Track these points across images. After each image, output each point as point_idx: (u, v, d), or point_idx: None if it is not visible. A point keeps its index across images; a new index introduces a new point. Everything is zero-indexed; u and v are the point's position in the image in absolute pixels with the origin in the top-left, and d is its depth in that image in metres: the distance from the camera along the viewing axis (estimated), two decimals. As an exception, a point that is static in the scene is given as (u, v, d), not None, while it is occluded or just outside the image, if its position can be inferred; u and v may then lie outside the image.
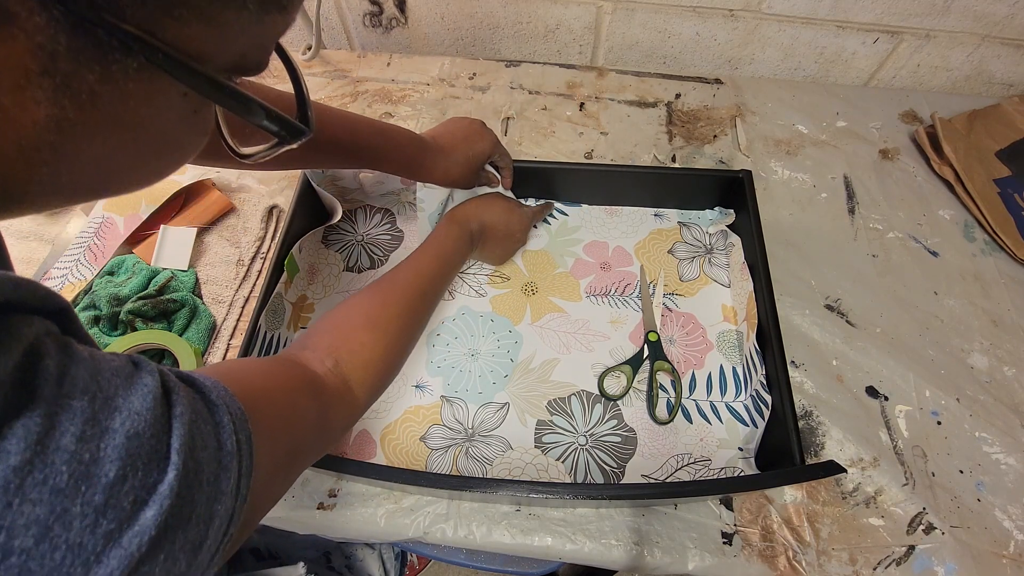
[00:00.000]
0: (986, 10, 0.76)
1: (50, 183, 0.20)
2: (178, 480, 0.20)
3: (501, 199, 0.65)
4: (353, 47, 0.95)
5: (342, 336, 0.44)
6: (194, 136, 0.24)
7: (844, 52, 0.85)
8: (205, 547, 0.22)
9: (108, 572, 0.18)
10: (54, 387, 0.18)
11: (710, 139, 0.80)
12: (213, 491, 0.22)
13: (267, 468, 0.28)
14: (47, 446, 0.17)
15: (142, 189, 0.25)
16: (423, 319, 0.52)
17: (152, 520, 0.19)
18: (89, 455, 0.18)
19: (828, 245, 0.71)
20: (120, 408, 0.20)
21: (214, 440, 0.23)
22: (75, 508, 0.17)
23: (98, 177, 0.21)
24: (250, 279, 0.68)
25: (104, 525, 0.18)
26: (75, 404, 0.18)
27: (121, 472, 0.19)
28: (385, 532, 0.54)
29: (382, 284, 0.50)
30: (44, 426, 0.17)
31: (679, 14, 0.82)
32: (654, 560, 0.52)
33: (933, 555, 0.52)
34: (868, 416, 0.59)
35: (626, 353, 0.62)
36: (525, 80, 0.86)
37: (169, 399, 0.22)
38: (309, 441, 0.35)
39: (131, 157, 0.22)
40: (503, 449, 0.57)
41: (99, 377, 0.20)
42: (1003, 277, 0.69)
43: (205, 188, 0.72)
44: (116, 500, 0.18)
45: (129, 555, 0.18)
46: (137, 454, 0.19)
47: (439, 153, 0.57)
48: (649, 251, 0.70)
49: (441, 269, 0.55)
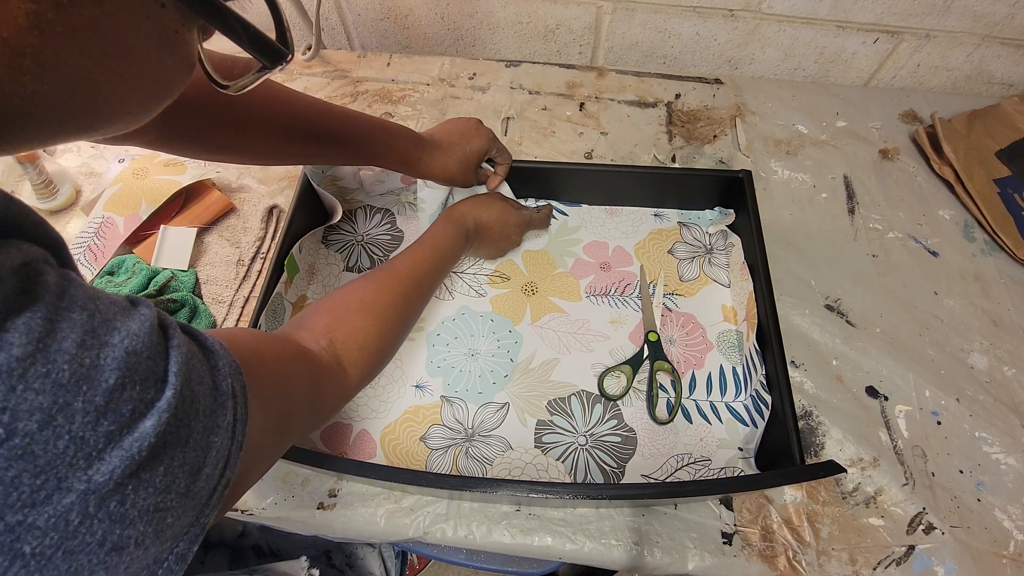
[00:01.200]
0: (986, 10, 0.76)
1: (35, 99, 0.19)
2: (176, 399, 0.21)
3: (499, 199, 0.65)
4: (353, 47, 0.95)
5: (337, 318, 0.45)
6: (177, 62, 0.24)
7: (844, 52, 0.85)
8: (203, 475, 0.22)
9: (110, 470, 0.18)
10: (54, 299, 0.18)
11: (710, 139, 0.80)
12: (209, 423, 0.23)
13: (260, 425, 0.28)
14: (48, 345, 0.18)
15: (128, 126, 0.24)
16: (417, 309, 0.53)
17: (151, 429, 0.19)
18: (89, 361, 0.18)
19: (828, 245, 0.71)
20: (118, 328, 0.20)
21: (209, 379, 0.24)
22: (77, 403, 0.18)
23: (82, 98, 0.21)
24: (250, 279, 0.68)
25: (105, 425, 0.18)
26: (75, 316, 0.19)
27: (120, 381, 0.19)
28: (385, 532, 0.54)
29: (378, 272, 0.52)
30: (45, 328, 0.18)
31: (679, 14, 0.82)
32: (654, 560, 0.52)
33: (933, 555, 0.52)
34: (868, 416, 0.59)
35: (626, 353, 0.62)
36: (525, 80, 0.86)
37: (166, 333, 0.22)
38: (301, 410, 0.36)
39: (113, 77, 0.21)
40: (503, 449, 0.57)
41: (97, 301, 0.20)
42: (1003, 277, 0.69)
43: (205, 188, 0.72)
44: (116, 406, 0.19)
45: (130, 457, 0.19)
46: (135, 369, 0.20)
47: (436, 148, 0.59)
48: (649, 251, 0.70)
49: (436, 263, 0.56)
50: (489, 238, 0.64)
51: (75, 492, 0.17)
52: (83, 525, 0.18)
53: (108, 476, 0.18)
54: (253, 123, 0.48)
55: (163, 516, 0.20)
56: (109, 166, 0.74)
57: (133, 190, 0.70)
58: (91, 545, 0.18)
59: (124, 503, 0.19)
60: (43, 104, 0.20)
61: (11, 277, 0.17)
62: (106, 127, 0.23)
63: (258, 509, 0.55)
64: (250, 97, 0.48)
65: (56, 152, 0.77)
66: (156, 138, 0.44)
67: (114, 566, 0.19)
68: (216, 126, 0.47)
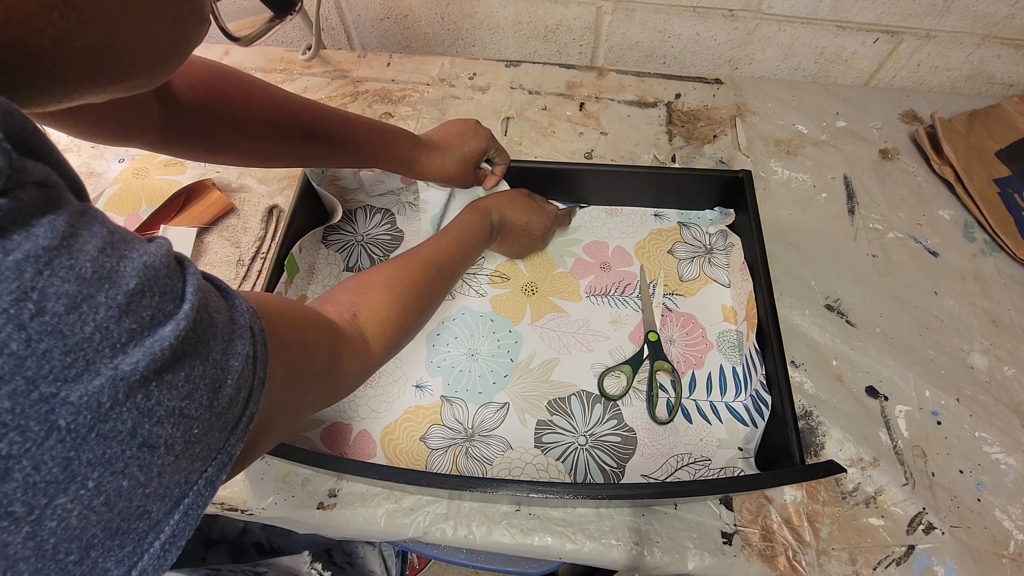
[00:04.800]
0: (986, 10, 0.76)
1: (61, 39, 0.20)
2: (193, 313, 0.21)
3: (525, 196, 0.66)
4: (353, 47, 0.95)
5: (361, 294, 0.46)
6: (190, 11, 0.25)
7: (844, 52, 0.85)
8: (224, 394, 0.22)
9: (134, 363, 0.19)
10: (77, 211, 0.19)
11: (710, 139, 0.80)
12: (228, 347, 0.23)
13: (281, 375, 0.29)
14: (72, 244, 0.18)
15: (146, 82, 0.26)
16: (440, 292, 0.54)
17: (171, 335, 0.20)
18: (110, 265, 0.19)
19: (828, 245, 0.71)
20: (137, 247, 0.20)
21: (227, 312, 0.24)
22: (100, 297, 0.18)
23: (104, 43, 0.22)
24: (250, 279, 0.68)
25: (127, 323, 0.19)
26: (95, 228, 0.19)
27: (140, 287, 0.19)
28: (385, 532, 0.54)
29: (403, 255, 0.53)
30: (68, 230, 0.18)
31: (679, 14, 0.82)
32: (654, 560, 0.52)
33: (933, 555, 0.52)
34: (868, 416, 0.59)
35: (626, 353, 0.62)
36: (525, 80, 0.86)
37: (183, 264, 0.23)
38: (320, 372, 0.36)
39: (132, 22, 0.23)
40: (503, 449, 0.57)
41: (116, 226, 0.21)
42: (1003, 277, 0.69)
43: (205, 188, 0.72)
44: (136, 308, 0.19)
45: (152, 355, 0.19)
46: (154, 280, 0.20)
47: (434, 149, 0.59)
48: (649, 251, 0.70)
49: (460, 250, 0.57)
50: (513, 233, 0.64)
51: (104, 376, 0.18)
52: (114, 410, 0.18)
53: (133, 367, 0.19)
54: (252, 124, 0.49)
55: (189, 424, 0.21)
56: (109, 166, 0.74)
57: (133, 190, 0.70)
58: (123, 434, 0.18)
59: (150, 398, 0.19)
60: (71, 46, 0.21)
61: (36, 188, 0.18)
62: (127, 78, 0.24)
63: (258, 509, 0.55)
64: (249, 98, 0.48)
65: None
66: (158, 139, 0.45)
67: (147, 465, 0.19)
68: (216, 127, 0.47)
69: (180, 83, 0.44)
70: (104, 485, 0.18)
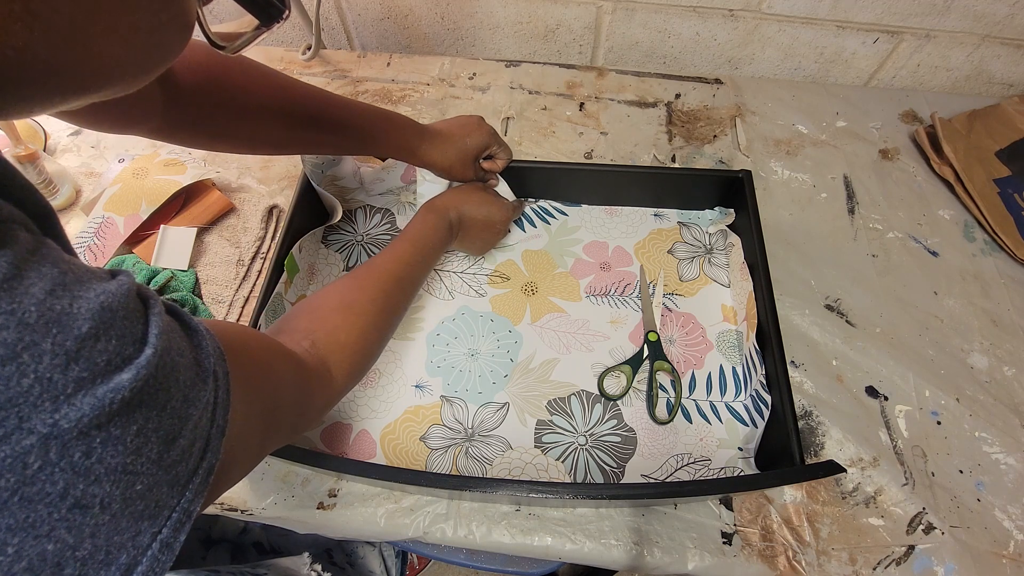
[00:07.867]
0: (986, 10, 0.76)
1: (28, 50, 0.19)
2: (156, 359, 0.20)
3: (479, 190, 0.65)
4: (353, 47, 0.95)
5: (318, 319, 0.44)
6: (172, 19, 0.23)
7: (844, 52, 0.85)
8: (178, 446, 0.21)
9: (79, 415, 0.17)
10: (24, 251, 0.18)
11: (710, 139, 0.80)
12: (189, 394, 0.22)
13: (243, 414, 0.28)
14: (14, 287, 0.17)
15: (124, 88, 0.24)
16: (400, 304, 0.52)
17: (128, 383, 0.19)
18: (60, 307, 0.18)
19: (828, 245, 0.71)
20: (93, 287, 0.19)
21: (191, 355, 0.23)
22: (45, 344, 0.17)
23: (76, 53, 0.20)
24: (250, 279, 0.68)
25: (76, 371, 0.18)
26: (44, 270, 0.18)
27: (94, 331, 0.18)
28: (385, 532, 0.54)
29: (358, 271, 0.51)
30: (11, 272, 0.17)
31: (679, 14, 0.82)
32: (654, 560, 0.52)
33: (933, 555, 0.52)
34: (868, 416, 0.59)
35: (626, 353, 0.62)
36: (525, 80, 0.86)
37: (146, 303, 0.22)
38: (286, 407, 0.35)
39: (106, 31, 0.21)
40: (503, 449, 0.57)
41: (72, 264, 0.19)
42: (1003, 277, 0.69)
43: (205, 188, 0.72)
44: (89, 354, 0.18)
45: (102, 405, 0.18)
46: (111, 324, 0.19)
47: (436, 137, 0.60)
48: (649, 251, 0.70)
49: (417, 256, 0.55)
50: (474, 229, 0.63)
51: (36, 434, 0.16)
52: (43, 471, 0.17)
53: (75, 423, 0.17)
54: (254, 110, 0.48)
55: (132, 481, 0.19)
56: (109, 166, 0.74)
57: (133, 190, 0.70)
58: (51, 496, 0.17)
59: (90, 456, 0.18)
60: (36, 57, 0.19)
61: None
62: (101, 87, 0.23)
63: (258, 509, 0.55)
64: (251, 84, 0.48)
65: (56, 152, 0.77)
66: (159, 126, 0.44)
67: (78, 527, 0.18)
68: (218, 113, 0.47)
69: (181, 68, 0.43)
70: (26, 551, 0.17)
